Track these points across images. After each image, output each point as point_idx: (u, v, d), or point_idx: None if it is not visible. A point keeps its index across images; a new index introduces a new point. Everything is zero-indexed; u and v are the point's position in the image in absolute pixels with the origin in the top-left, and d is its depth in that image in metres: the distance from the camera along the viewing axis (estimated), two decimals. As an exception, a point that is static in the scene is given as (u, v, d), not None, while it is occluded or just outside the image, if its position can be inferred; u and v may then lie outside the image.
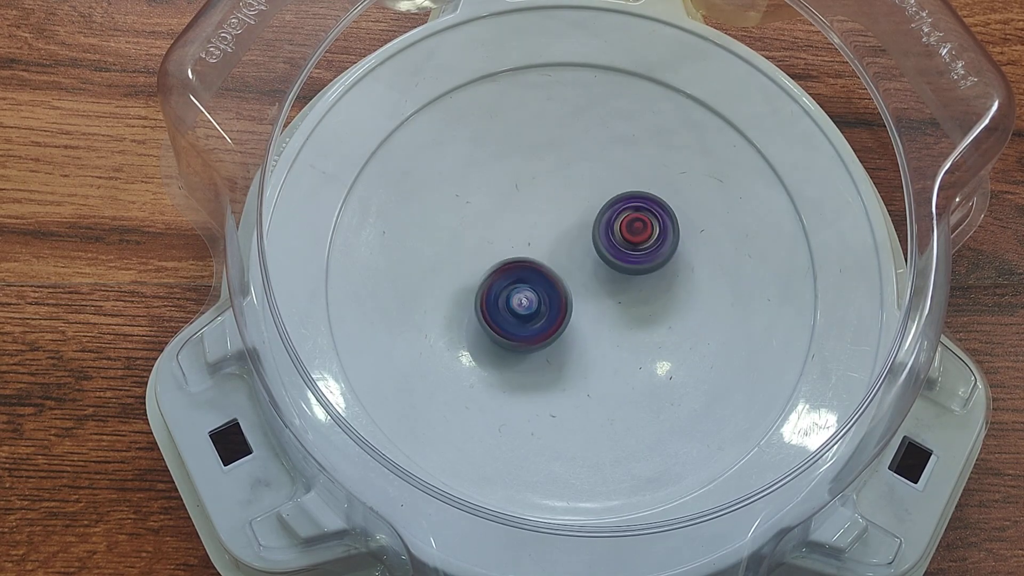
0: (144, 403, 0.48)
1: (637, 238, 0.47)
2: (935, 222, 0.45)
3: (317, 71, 0.54)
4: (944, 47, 0.47)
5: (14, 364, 0.51)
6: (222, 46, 0.47)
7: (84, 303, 0.52)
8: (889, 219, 0.49)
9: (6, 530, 0.49)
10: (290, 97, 0.47)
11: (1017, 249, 0.53)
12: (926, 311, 0.45)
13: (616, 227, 0.47)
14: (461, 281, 0.48)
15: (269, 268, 0.45)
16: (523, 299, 0.47)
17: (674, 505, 0.45)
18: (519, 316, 0.47)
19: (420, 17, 0.53)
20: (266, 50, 0.53)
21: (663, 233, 0.47)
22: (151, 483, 0.50)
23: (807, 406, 0.46)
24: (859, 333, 0.47)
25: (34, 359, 0.51)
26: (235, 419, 0.46)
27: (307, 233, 0.48)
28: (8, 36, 0.55)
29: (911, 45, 0.47)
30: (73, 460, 0.50)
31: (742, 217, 0.49)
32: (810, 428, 0.46)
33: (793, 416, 0.46)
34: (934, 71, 0.47)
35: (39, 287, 0.52)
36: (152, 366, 0.47)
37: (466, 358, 0.47)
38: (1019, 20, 0.56)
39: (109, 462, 0.50)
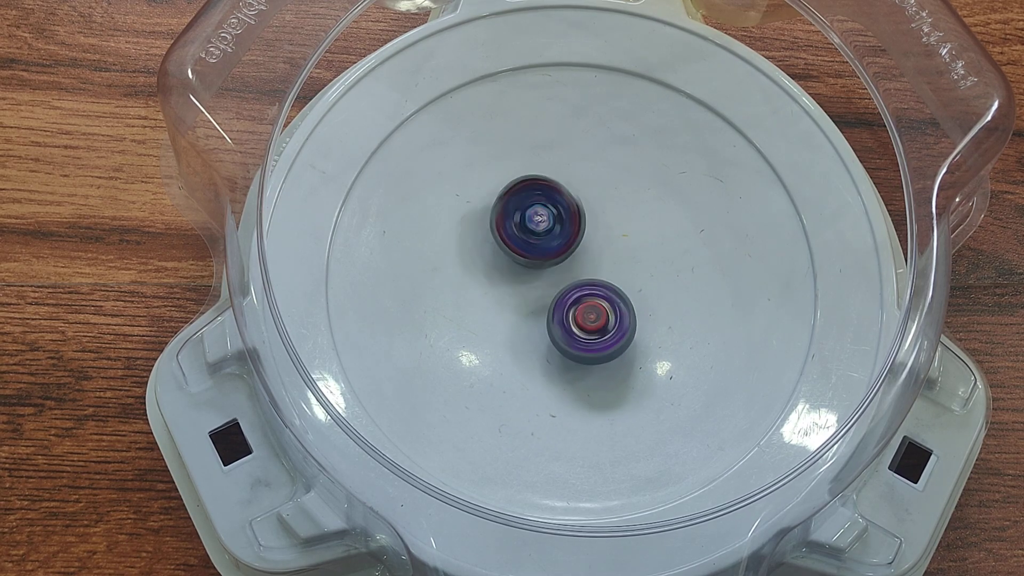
0: (144, 403, 0.48)
1: (592, 326, 0.47)
2: (935, 222, 0.45)
3: (317, 71, 0.54)
4: (944, 47, 0.47)
5: (14, 364, 0.51)
6: (222, 46, 0.47)
7: (84, 303, 0.52)
8: (889, 219, 0.49)
9: (6, 530, 0.49)
10: (290, 97, 0.47)
11: (1017, 249, 0.53)
12: (926, 311, 0.45)
13: (570, 321, 0.47)
14: (461, 281, 0.48)
15: (269, 268, 0.45)
16: (538, 214, 0.47)
17: (674, 505, 0.45)
18: (535, 233, 0.47)
19: (420, 17, 0.53)
20: (266, 50, 0.53)
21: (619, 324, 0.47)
22: (151, 483, 0.50)
23: (807, 406, 0.46)
24: (859, 333, 0.47)
25: (34, 359, 0.51)
26: (235, 419, 0.46)
27: (307, 233, 0.48)
28: (8, 36, 0.55)
29: (911, 45, 0.47)
30: (73, 460, 0.50)
31: (742, 217, 0.49)
32: (810, 428, 0.46)
33: (793, 416, 0.46)
34: (934, 71, 0.47)
35: (39, 287, 0.52)
36: (152, 366, 0.47)
37: (466, 358, 0.47)
38: (1019, 20, 0.56)
39: (109, 462, 0.50)
